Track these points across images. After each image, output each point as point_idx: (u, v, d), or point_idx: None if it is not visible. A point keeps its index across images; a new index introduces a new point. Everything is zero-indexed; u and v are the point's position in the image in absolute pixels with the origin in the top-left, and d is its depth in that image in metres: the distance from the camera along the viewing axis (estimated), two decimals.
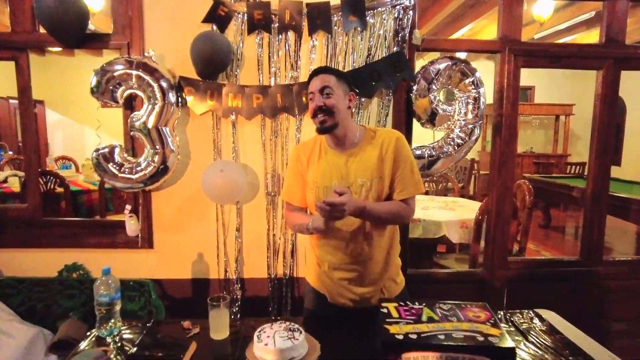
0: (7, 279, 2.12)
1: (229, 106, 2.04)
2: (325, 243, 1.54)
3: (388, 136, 1.50)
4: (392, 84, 2.07)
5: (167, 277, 2.19)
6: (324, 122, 1.44)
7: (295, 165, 1.60)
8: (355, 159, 1.49)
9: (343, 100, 1.46)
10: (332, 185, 1.47)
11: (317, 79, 1.46)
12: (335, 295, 1.56)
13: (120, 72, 1.89)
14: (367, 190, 1.46)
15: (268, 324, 1.33)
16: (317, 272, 1.61)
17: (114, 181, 1.98)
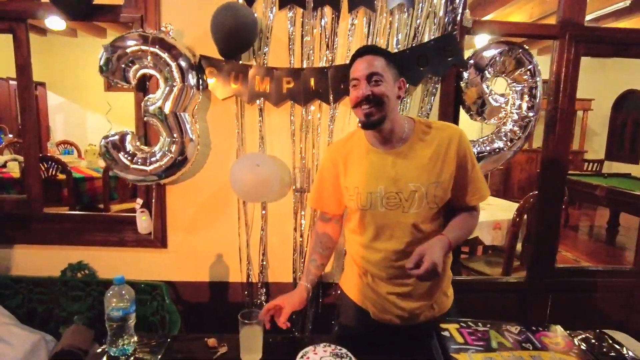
0: (3, 277, 1.90)
1: (255, 90, 1.80)
2: (371, 255, 1.32)
3: (447, 133, 1.26)
4: (442, 70, 1.83)
5: (182, 280, 1.98)
6: (371, 115, 1.20)
7: (329, 169, 1.37)
8: (406, 160, 1.26)
9: (392, 88, 1.22)
10: (378, 191, 1.25)
11: (362, 62, 1.21)
12: (380, 311, 1.36)
13: (134, 49, 1.65)
14: (421, 197, 1.24)
15: (310, 347, 1.17)
16: (358, 285, 1.39)
17: (125, 172, 1.75)
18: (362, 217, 1.30)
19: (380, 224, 1.28)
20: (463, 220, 1.29)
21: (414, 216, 1.25)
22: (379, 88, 1.18)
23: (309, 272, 1.42)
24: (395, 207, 1.25)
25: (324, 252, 1.45)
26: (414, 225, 1.25)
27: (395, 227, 1.27)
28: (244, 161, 1.74)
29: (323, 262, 1.45)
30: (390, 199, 1.25)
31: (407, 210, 1.24)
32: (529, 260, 2.22)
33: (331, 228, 1.47)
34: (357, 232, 1.35)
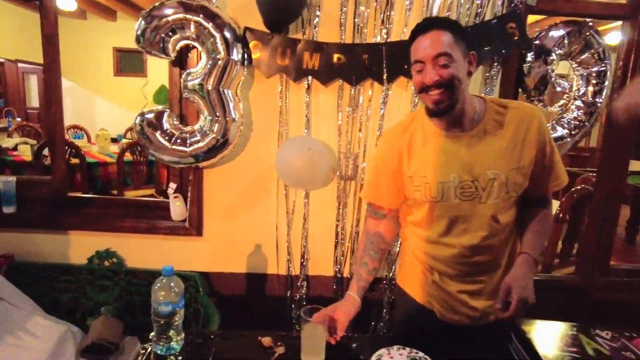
0: (28, 264, 1.77)
1: (303, 67, 1.65)
2: (440, 251, 1.19)
3: (526, 112, 1.12)
4: (505, 50, 1.68)
5: (217, 270, 1.85)
6: (440, 102, 1.05)
7: (388, 158, 1.21)
8: (481, 144, 1.11)
9: (463, 66, 1.06)
10: (451, 181, 1.11)
11: (425, 40, 1.04)
12: (447, 311, 1.22)
13: (176, 17, 1.50)
14: (500, 185, 1.10)
15: (384, 350, 1.07)
16: (422, 283, 1.25)
17: (161, 153, 1.61)
18: (431, 210, 1.16)
19: (452, 216, 1.14)
20: (540, 224, 1.16)
21: (492, 207, 1.11)
22: (448, 70, 1.02)
23: (360, 278, 1.25)
24: (471, 197, 1.11)
25: (376, 255, 1.27)
26: (492, 217, 1.12)
27: (470, 220, 1.13)
28: (294, 144, 1.60)
29: (375, 266, 1.27)
30: (465, 189, 1.11)
31: (485, 200, 1.11)
32: (580, 258, 2.09)
33: (385, 226, 1.29)
34: (422, 226, 1.21)
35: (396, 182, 1.21)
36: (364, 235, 1.32)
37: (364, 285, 1.24)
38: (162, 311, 1.11)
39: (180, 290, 1.14)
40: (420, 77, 1.06)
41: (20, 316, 1.64)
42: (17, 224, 1.79)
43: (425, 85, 1.05)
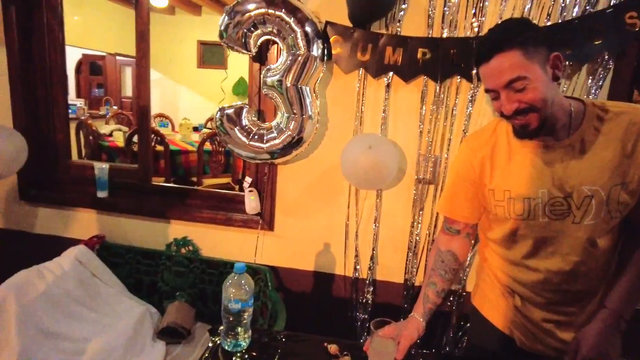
0: (116, 246, 1.91)
1: (384, 63, 1.57)
2: (524, 275, 1.06)
3: (636, 117, 0.94)
4: (621, 44, 1.46)
5: (286, 266, 1.85)
6: (527, 126, 0.93)
7: (468, 167, 1.09)
8: (577, 155, 0.96)
9: (544, 79, 0.90)
10: (539, 197, 0.97)
11: (491, 69, 0.91)
12: (529, 340, 1.10)
13: (258, 12, 1.49)
14: (600, 203, 0.94)
15: None
16: (501, 307, 1.13)
17: (239, 149, 1.63)
18: (514, 228, 1.04)
19: (539, 237, 1.01)
20: (636, 271, 0.98)
21: (589, 228, 0.96)
22: (526, 95, 0.89)
23: (427, 300, 1.16)
24: (563, 216, 0.97)
25: (447, 275, 1.17)
26: (589, 240, 0.97)
27: (560, 242, 0.99)
28: (357, 142, 1.53)
29: (444, 287, 1.17)
30: (555, 206, 0.97)
31: (580, 220, 0.96)
32: None
33: (458, 244, 1.18)
34: (504, 246, 1.09)
35: (476, 194, 1.10)
36: (434, 252, 1.21)
37: (430, 307, 1.15)
38: (231, 308, 1.11)
39: (250, 289, 1.14)
40: (497, 104, 0.94)
41: (109, 294, 1.78)
42: (108, 207, 1.93)
43: (505, 115, 0.94)
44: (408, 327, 1.11)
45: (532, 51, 0.89)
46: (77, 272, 1.74)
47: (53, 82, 1.94)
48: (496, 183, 1.04)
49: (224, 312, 1.13)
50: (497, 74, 0.91)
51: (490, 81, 0.93)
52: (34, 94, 1.92)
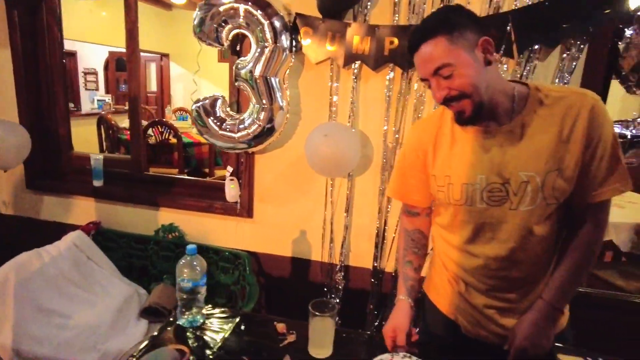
0: (111, 231, 2.05)
1: (353, 52, 1.59)
2: (466, 261, 1.06)
3: (576, 102, 0.91)
4: (592, 26, 1.41)
5: (265, 252, 1.92)
6: (462, 113, 0.93)
7: (414, 153, 1.10)
8: (516, 141, 0.94)
9: (475, 63, 0.89)
10: (477, 183, 0.97)
11: (419, 58, 0.92)
12: (473, 326, 1.10)
13: (227, 7, 1.55)
14: (535, 190, 0.93)
15: (387, 355, 1.01)
16: (448, 293, 1.14)
17: (214, 139, 1.71)
18: (455, 214, 1.04)
19: (479, 223, 1.01)
20: (577, 258, 0.98)
21: (525, 214, 0.95)
22: (454, 81, 0.89)
23: (407, 278, 1.17)
24: (501, 202, 0.97)
25: (420, 252, 1.19)
26: (525, 227, 0.96)
27: (498, 228, 0.99)
28: (315, 132, 1.56)
29: (420, 263, 1.19)
30: (493, 192, 0.97)
31: (517, 206, 0.96)
32: None
33: (421, 222, 1.20)
34: (447, 230, 1.09)
35: (423, 180, 1.11)
36: (402, 234, 1.23)
37: (412, 284, 1.16)
38: (184, 287, 1.19)
39: (202, 269, 1.21)
40: (431, 91, 0.95)
41: (102, 276, 1.92)
42: (104, 195, 2.07)
43: (439, 101, 0.94)
44: (398, 316, 1.12)
45: (457, 37, 0.88)
46: (73, 255, 1.89)
47: (54, 79, 2.09)
48: (438, 169, 1.05)
49: (178, 291, 1.21)
50: (424, 62, 0.91)
51: (420, 70, 0.94)
52: (37, 91, 2.07)
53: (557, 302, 0.97)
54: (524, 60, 1.49)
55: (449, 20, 0.90)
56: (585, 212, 0.97)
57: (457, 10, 0.94)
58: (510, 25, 1.44)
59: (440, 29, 0.88)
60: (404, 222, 1.23)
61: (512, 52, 1.47)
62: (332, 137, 1.49)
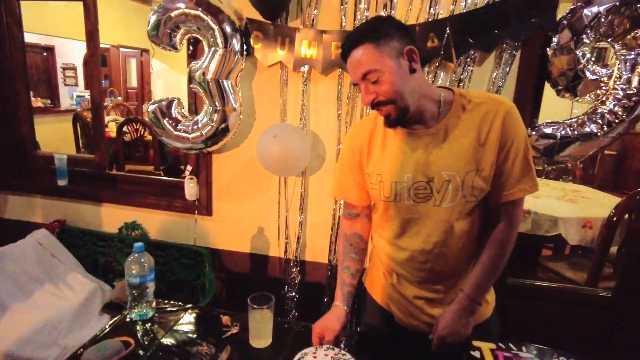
0: (75, 229, 2.10)
1: (301, 56, 1.66)
2: (396, 253, 1.14)
3: (492, 107, 1.00)
4: (524, 33, 1.50)
5: (225, 248, 1.99)
6: (389, 116, 1.01)
7: (350, 154, 1.17)
8: (440, 143, 1.03)
9: (399, 70, 0.96)
10: (405, 181, 1.05)
11: (350, 64, 0.99)
12: (405, 316, 1.18)
13: (179, 12, 1.60)
14: (455, 188, 1.02)
15: (311, 349, 1.06)
16: (382, 285, 1.22)
17: (170, 140, 1.76)
18: (385, 209, 1.12)
19: (406, 218, 1.09)
20: (493, 254, 1.07)
21: (447, 211, 1.04)
22: (380, 87, 0.97)
23: (343, 284, 1.21)
24: (425, 199, 1.05)
25: (357, 257, 1.23)
26: (446, 222, 1.05)
27: (423, 223, 1.07)
28: (265, 133, 1.63)
29: (357, 267, 1.23)
30: (419, 190, 1.05)
31: (440, 203, 1.04)
32: (622, 272, 1.82)
33: (360, 225, 1.24)
34: (381, 226, 1.17)
35: (360, 179, 1.18)
36: (342, 239, 1.27)
37: (349, 290, 1.21)
38: (132, 282, 1.25)
39: (150, 266, 1.28)
40: (361, 95, 1.03)
41: (65, 272, 1.97)
42: (68, 194, 2.12)
43: (368, 105, 1.02)
44: (330, 319, 1.17)
45: (383, 44, 0.95)
46: (37, 253, 1.94)
47: (16, 79, 2.11)
48: (371, 168, 1.13)
49: (128, 286, 1.27)
50: (354, 67, 0.98)
51: (351, 75, 1.01)
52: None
53: (475, 295, 1.06)
54: (463, 64, 1.58)
55: (376, 29, 0.97)
56: (499, 210, 1.06)
57: (385, 21, 1.01)
58: (449, 31, 1.53)
59: (368, 37, 0.96)
60: (343, 226, 1.27)
61: (451, 56, 1.55)
62: (281, 138, 1.56)
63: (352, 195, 1.22)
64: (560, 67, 1.53)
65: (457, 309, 1.06)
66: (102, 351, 1.08)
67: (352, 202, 1.23)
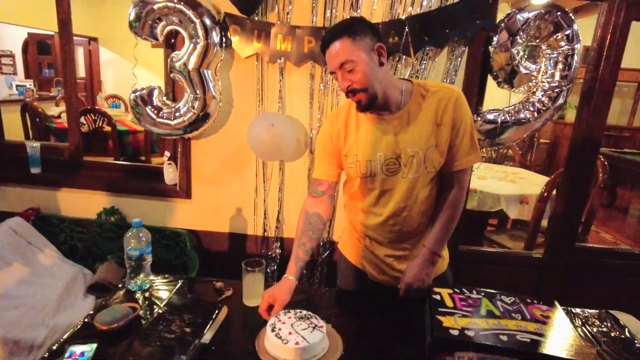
0: (51, 216, 2.12)
1: (277, 49, 1.81)
2: (370, 220, 1.35)
3: (445, 95, 1.22)
4: (470, 33, 1.75)
5: (204, 229, 2.11)
6: (360, 102, 1.18)
7: (326, 140, 1.34)
8: (404, 125, 1.23)
9: (371, 62, 1.13)
10: (377, 159, 1.25)
11: (329, 54, 1.14)
12: (377, 273, 1.40)
13: (161, 5, 1.70)
14: (419, 162, 1.23)
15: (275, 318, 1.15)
16: (357, 248, 1.43)
17: (152, 126, 1.86)
18: (362, 184, 1.32)
19: (381, 189, 1.30)
20: (446, 213, 1.29)
21: (412, 181, 1.26)
22: (355, 75, 1.12)
23: (298, 259, 1.30)
24: (395, 172, 1.26)
25: (314, 235, 1.33)
26: (410, 190, 1.27)
27: (393, 192, 1.28)
28: (260, 121, 1.79)
29: (312, 245, 1.33)
30: (390, 165, 1.26)
31: (406, 175, 1.25)
32: (549, 238, 2.16)
33: (323, 206, 1.37)
34: (357, 198, 1.37)
35: (337, 159, 1.35)
36: (302, 216, 1.36)
37: (301, 265, 1.30)
38: (132, 255, 1.36)
39: (147, 239, 1.39)
40: (338, 83, 1.18)
41: (44, 258, 2.00)
42: (42, 182, 2.13)
43: (343, 91, 1.18)
44: (282, 290, 1.27)
45: (358, 40, 1.10)
46: (12, 240, 1.95)
47: None
48: (348, 149, 1.31)
49: (127, 259, 1.38)
50: (332, 57, 1.13)
51: (330, 64, 1.17)
52: None
53: (435, 248, 1.28)
54: (420, 59, 1.81)
55: (352, 27, 1.12)
56: (452, 177, 1.29)
57: (360, 20, 1.18)
58: (407, 29, 1.75)
59: (346, 32, 1.11)
60: (306, 204, 1.38)
61: (409, 51, 1.78)
62: (277, 127, 1.72)
63: (326, 173, 1.37)
64: (499, 62, 1.81)
65: (421, 260, 1.27)
66: (112, 314, 1.20)
67: (322, 177, 1.37)
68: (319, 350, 1.03)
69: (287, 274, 1.30)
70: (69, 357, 1.00)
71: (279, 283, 1.28)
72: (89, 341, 1.06)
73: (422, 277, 1.25)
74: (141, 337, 1.12)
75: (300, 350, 1.00)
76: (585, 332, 1.26)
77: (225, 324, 1.20)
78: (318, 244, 1.41)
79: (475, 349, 1.01)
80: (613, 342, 1.22)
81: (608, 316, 1.36)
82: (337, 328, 1.15)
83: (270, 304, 1.21)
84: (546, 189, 2.45)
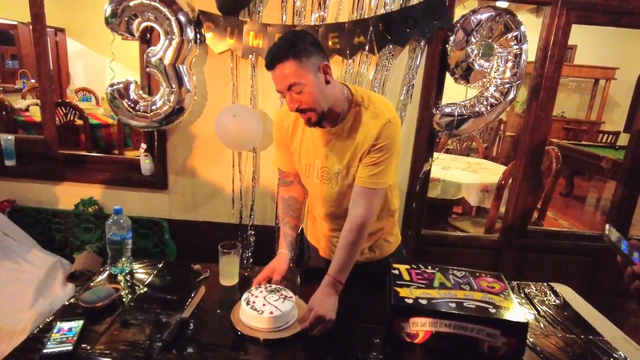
0: (27, 208, 2.15)
1: (249, 45, 1.91)
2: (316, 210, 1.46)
3: (375, 121, 1.22)
4: (428, 32, 1.90)
5: (181, 218, 2.20)
6: (310, 120, 1.19)
7: (279, 132, 1.41)
8: (337, 141, 1.27)
9: (318, 83, 1.13)
10: (315, 164, 1.34)
11: (275, 76, 1.12)
12: (326, 249, 1.50)
13: (137, 2, 1.77)
14: (342, 178, 1.32)
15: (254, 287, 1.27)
16: (312, 226, 1.55)
17: (128, 119, 1.92)
18: (304, 181, 1.43)
19: (315, 193, 1.40)
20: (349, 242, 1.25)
21: (338, 191, 1.35)
22: (303, 96, 1.12)
23: (286, 235, 1.41)
24: (328, 181, 1.35)
25: (295, 214, 1.44)
26: (340, 199, 1.36)
27: (327, 197, 1.38)
28: (224, 112, 1.89)
29: (296, 222, 1.44)
30: (324, 173, 1.34)
31: (334, 187, 1.35)
32: (504, 222, 2.36)
33: (295, 190, 1.46)
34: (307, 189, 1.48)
35: (288, 153, 1.43)
36: (280, 202, 1.48)
37: (290, 240, 1.41)
38: (114, 240, 1.44)
39: (127, 226, 1.47)
40: (286, 102, 1.17)
41: (21, 249, 2.04)
42: (17, 174, 2.16)
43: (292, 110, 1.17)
44: (279, 262, 1.39)
45: (305, 61, 1.09)
46: None
47: None
48: (294, 147, 1.39)
49: (109, 244, 1.46)
50: (279, 80, 1.11)
51: (277, 85, 1.14)
52: None
53: (339, 276, 1.23)
54: (383, 57, 1.94)
55: (297, 46, 1.09)
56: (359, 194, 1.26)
57: (303, 38, 1.13)
58: (371, 29, 1.88)
59: (291, 54, 1.08)
60: (281, 191, 1.48)
61: (373, 49, 1.91)
62: (240, 117, 1.82)
63: (285, 165, 1.46)
64: (456, 60, 1.96)
65: (325, 290, 1.20)
66: (97, 294, 1.29)
67: (285, 169, 1.47)
68: (290, 318, 1.16)
69: (280, 249, 1.42)
70: (58, 332, 1.08)
71: (276, 257, 1.39)
72: (75, 318, 1.15)
73: (327, 304, 1.17)
74: (125, 313, 1.21)
75: (274, 318, 1.12)
76: (527, 300, 1.44)
77: (203, 302, 1.29)
78: (300, 222, 1.51)
79: (427, 314, 1.15)
80: (549, 308, 1.40)
81: (547, 287, 1.55)
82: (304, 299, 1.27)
83: (269, 276, 1.31)
84: (503, 178, 2.65)
